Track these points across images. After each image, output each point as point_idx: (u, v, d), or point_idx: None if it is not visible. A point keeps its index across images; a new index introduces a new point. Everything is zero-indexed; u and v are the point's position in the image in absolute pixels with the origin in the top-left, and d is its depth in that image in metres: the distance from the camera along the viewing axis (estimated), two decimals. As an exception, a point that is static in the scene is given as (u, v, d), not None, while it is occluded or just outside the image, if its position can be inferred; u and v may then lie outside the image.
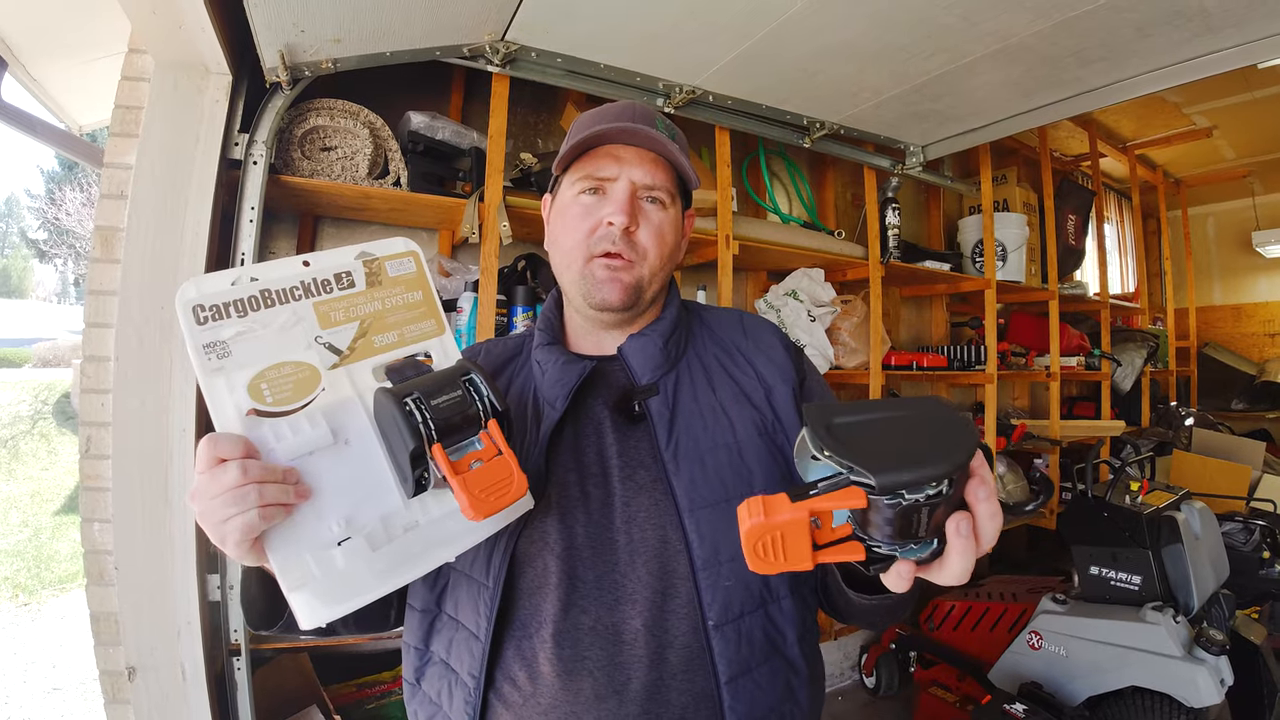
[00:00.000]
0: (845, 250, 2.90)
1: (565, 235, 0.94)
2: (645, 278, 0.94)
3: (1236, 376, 5.59)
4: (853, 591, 0.77)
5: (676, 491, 0.85)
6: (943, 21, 1.84)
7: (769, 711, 0.82)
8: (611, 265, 0.91)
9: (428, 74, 2.15)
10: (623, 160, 0.92)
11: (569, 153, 0.92)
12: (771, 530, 0.57)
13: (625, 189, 0.91)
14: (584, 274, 0.93)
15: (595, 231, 0.91)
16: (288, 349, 0.71)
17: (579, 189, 0.93)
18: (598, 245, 0.91)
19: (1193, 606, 2.35)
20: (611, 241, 0.90)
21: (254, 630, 1.24)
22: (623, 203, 0.90)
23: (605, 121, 0.91)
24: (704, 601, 0.81)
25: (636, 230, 0.92)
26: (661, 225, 0.94)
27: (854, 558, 0.59)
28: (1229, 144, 4.69)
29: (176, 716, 1.62)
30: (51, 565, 5.97)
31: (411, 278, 0.80)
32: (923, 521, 0.55)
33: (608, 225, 0.90)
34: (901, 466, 0.53)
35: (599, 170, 0.92)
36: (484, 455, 0.71)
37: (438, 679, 0.89)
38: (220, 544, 0.64)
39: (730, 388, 0.96)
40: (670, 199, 0.95)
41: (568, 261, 0.94)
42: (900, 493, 0.54)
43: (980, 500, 0.57)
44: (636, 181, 0.92)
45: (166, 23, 1.49)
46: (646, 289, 0.95)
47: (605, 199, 0.92)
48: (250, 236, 1.70)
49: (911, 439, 0.56)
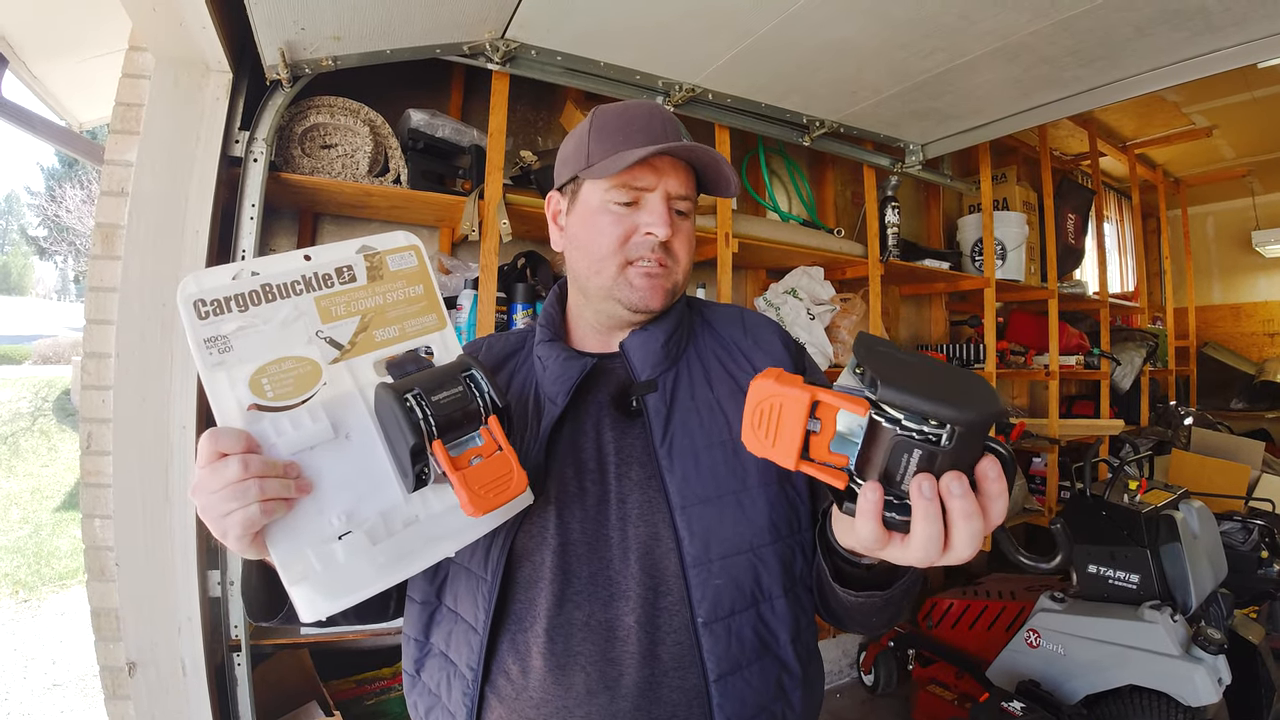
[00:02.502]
0: (845, 248, 2.91)
1: (596, 241, 0.93)
2: (680, 282, 0.97)
3: (1235, 376, 5.59)
4: (841, 588, 0.77)
5: (669, 488, 0.86)
6: (942, 20, 1.84)
7: (759, 711, 0.83)
8: (652, 273, 0.92)
9: (428, 72, 2.16)
10: (660, 171, 0.91)
11: (612, 164, 0.89)
12: (775, 397, 0.57)
13: (662, 200, 0.92)
14: (619, 280, 0.93)
15: (630, 239, 0.92)
16: (289, 344, 0.71)
17: (613, 198, 0.92)
18: (635, 252, 0.92)
19: (1191, 605, 2.35)
20: (651, 249, 0.92)
21: (254, 622, 1.25)
22: (664, 215, 0.91)
23: (637, 127, 0.92)
24: (694, 599, 0.82)
25: (672, 240, 0.93)
26: (689, 233, 0.97)
27: (834, 482, 0.59)
28: (1229, 143, 4.69)
29: (176, 712, 1.63)
30: (52, 562, 5.97)
31: (413, 272, 0.80)
32: (910, 467, 0.54)
33: (646, 235, 0.91)
34: (908, 389, 0.52)
35: (636, 180, 0.91)
36: (484, 451, 0.71)
37: (437, 670, 0.89)
38: (222, 538, 0.64)
39: (728, 384, 0.96)
40: (693, 206, 0.97)
41: (598, 267, 0.94)
42: (898, 419, 0.53)
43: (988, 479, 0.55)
44: (671, 192, 0.92)
45: (167, 20, 1.49)
46: (679, 291, 0.98)
47: (641, 209, 0.92)
48: (251, 234, 1.71)
49: (937, 382, 0.54)
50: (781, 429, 0.58)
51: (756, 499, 0.87)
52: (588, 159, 0.93)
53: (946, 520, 0.55)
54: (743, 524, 0.86)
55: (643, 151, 0.86)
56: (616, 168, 0.87)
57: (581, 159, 0.94)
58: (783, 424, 0.58)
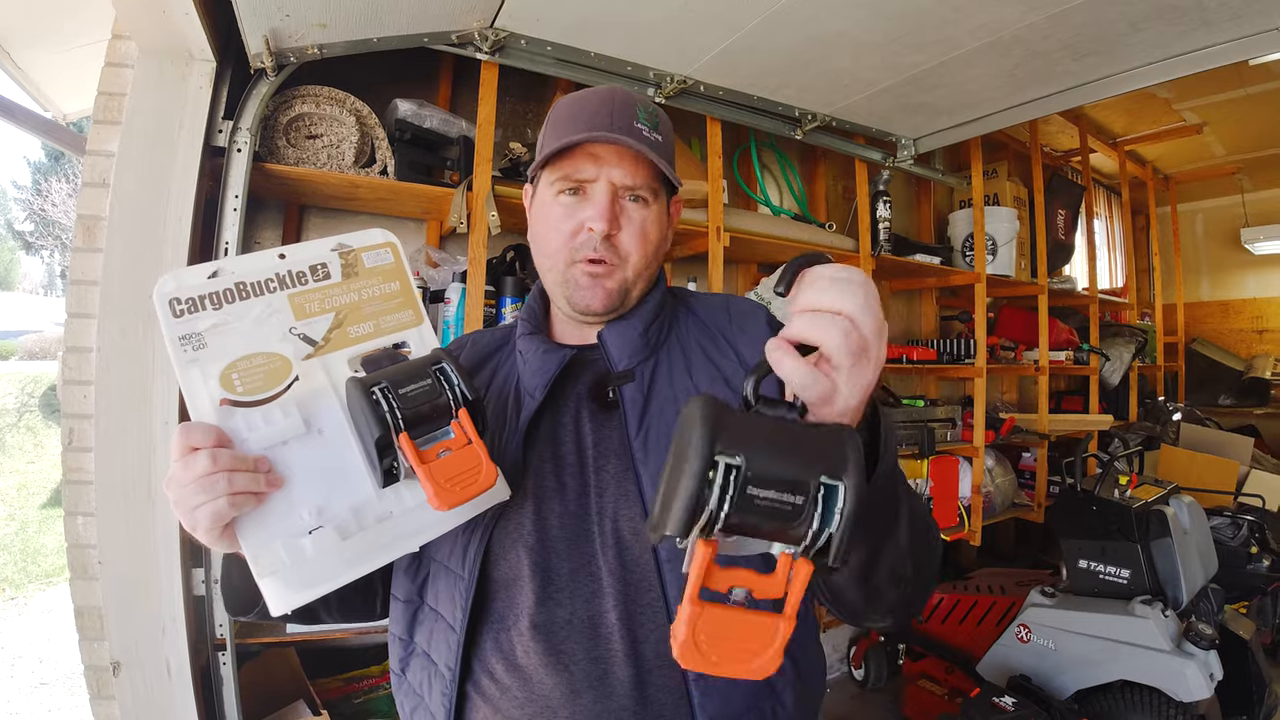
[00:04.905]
0: (836, 243, 2.90)
1: (547, 237, 0.92)
2: (629, 279, 0.92)
3: (1224, 372, 5.63)
4: None
5: (643, 481, 0.83)
6: (935, 13, 1.83)
7: (746, 710, 0.80)
8: (594, 272, 0.89)
9: (416, 61, 2.13)
10: (601, 160, 0.88)
11: (545, 155, 0.89)
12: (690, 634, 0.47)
13: (605, 191, 0.88)
14: (566, 278, 0.91)
15: (578, 235, 0.89)
16: (262, 340, 0.72)
17: (558, 189, 0.90)
18: (580, 250, 0.89)
19: (1181, 601, 2.36)
20: (593, 248, 0.88)
21: (232, 616, 1.24)
22: (603, 208, 0.87)
23: (585, 114, 0.88)
24: (669, 595, 0.80)
25: (618, 234, 0.89)
26: (644, 224, 0.91)
27: (805, 574, 0.49)
28: (1219, 140, 4.70)
29: (161, 712, 1.61)
30: (38, 559, 5.93)
31: (389, 268, 0.81)
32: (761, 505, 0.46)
33: (589, 231, 0.88)
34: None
35: (577, 171, 0.88)
36: (454, 445, 0.71)
37: (420, 670, 0.88)
38: (192, 530, 0.65)
39: (709, 371, 0.93)
40: (653, 195, 0.92)
41: (550, 264, 0.92)
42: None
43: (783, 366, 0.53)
44: (616, 182, 0.88)
45: (150, 8, 1.47)
46: (631, 290, 0.93)
47: (585, 201, 0.89)
48: (234, 225, 1.68)
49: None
50: (735, 643, 0.48)
51: None
52: (540, 149, 0.92)
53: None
54: None
55: (563, 142, 0.85)
56: (542, 156, 0.87)
57: (539, 150, 0.93)
58: (732, 640, 0.48)
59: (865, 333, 0.54)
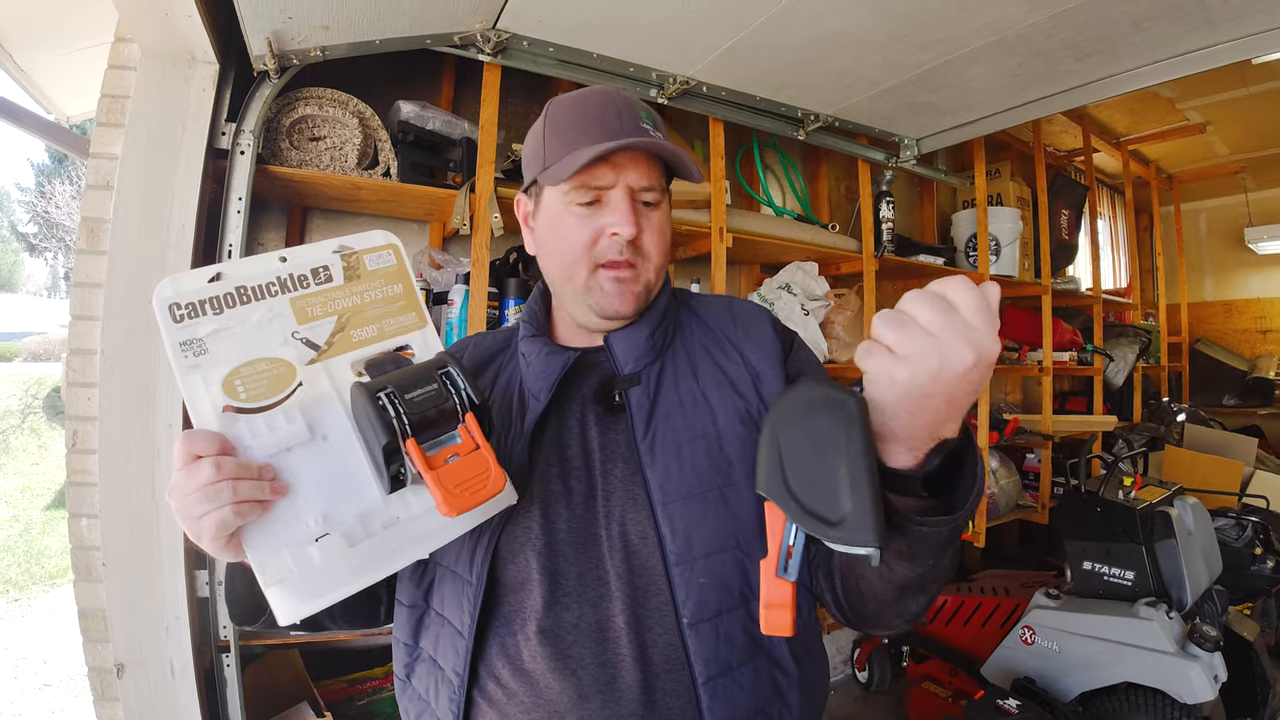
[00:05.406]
0: (839, 244, 2.89)
1: (563, 247, 0.90)
2: (652, 280, 0.92)
3: (1228, 372, 5.60)
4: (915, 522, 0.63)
5: (650, 484, 0.83)
6: (940, 12, 1.82)
7: (754, 714, 0.80)
8: (620, 277, 0.88)
9: (418, 63, 2.13)
10: (618, 165, 0.87)
11: (565, 167, 0.86)
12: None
13: (625, 195, 0.87)
14: (589, 286, 0.89)
15: (597, 242, 0.88)
16: (264, 345, 0.71)
17: (574, 199, 0.88)
18: (603, 255, 0.88)
19: (1186, 602, 2.35)
20: (618, 251, 0.87)
21: (238, 625, 1.23)
22: (627, 213, 0.86)
23: (591, 121, 0.87)
24: (678, 599, 0.79)
25: (640, 236, 0.89)
26: (660, 224, 0.92)
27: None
28: (1222, 140, 4.69)
29: (165, 714, 1.61)
30: (42, 560, 5.94)
31: (391, 270, 0.79)
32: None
33: (612, 236, 0.87)
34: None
35: (595, 180, 0.86)
36: (461, 450, 0.70)
37: (426, 675, 0.87)
38: (197, 540, 0.64)
39: (714, 375, 0.93)
40: (662, 194, 0.92)
41: (568, 274, 0.90)
42: None
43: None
44: (633, 185, 0.88)
45: (153, 10, 1.47)
46: (653, 290, 0.94)
47: (604, 208, 0.88)
48: (238, 227, 1.68)
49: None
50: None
51: (742, 493, 0.84)
52: (544, 160, 0.90)
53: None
54: (727, 520, 0.83)
55: (592, 152, 0.82)
56: (569, 171, 0.84)
57: (539, 160, 0.91)
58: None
59: None
